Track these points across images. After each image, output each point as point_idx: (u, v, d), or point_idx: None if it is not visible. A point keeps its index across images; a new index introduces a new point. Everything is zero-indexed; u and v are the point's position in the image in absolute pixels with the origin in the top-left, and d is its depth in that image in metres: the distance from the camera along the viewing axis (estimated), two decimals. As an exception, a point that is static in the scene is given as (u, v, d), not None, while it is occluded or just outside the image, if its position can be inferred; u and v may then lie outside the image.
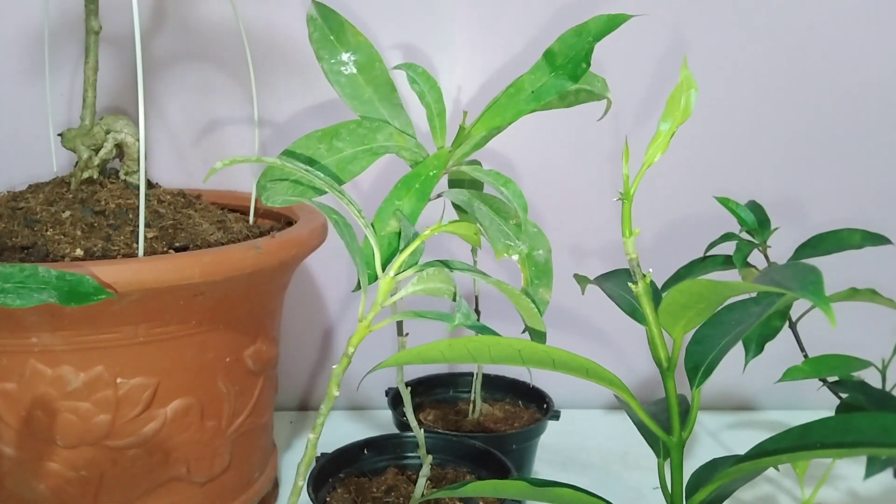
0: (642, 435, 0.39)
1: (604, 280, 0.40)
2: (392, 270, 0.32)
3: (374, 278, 0.33)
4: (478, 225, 0.48)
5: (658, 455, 0.38)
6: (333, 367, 0.32)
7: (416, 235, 0.34)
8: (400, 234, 0.35)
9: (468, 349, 0.30)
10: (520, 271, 0.43)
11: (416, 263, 0.34)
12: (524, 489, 0.33)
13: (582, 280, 0.45)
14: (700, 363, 0.34)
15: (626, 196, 0.33)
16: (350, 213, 0.34)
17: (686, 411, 0.35)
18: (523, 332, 0.42)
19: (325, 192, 0.38)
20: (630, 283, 0.33)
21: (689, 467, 0.36)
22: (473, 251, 0.62)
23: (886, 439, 0.25)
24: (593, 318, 0.76)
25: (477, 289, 0.65)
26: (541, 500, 0.34)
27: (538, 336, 0.40)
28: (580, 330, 0.77)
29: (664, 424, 0.34)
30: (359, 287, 0.34)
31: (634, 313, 0.36)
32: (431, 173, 0.35)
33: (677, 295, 0.30)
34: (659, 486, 0.38)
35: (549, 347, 0.30)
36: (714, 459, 0.37)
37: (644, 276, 0.33)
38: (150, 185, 0.58)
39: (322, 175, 0.34)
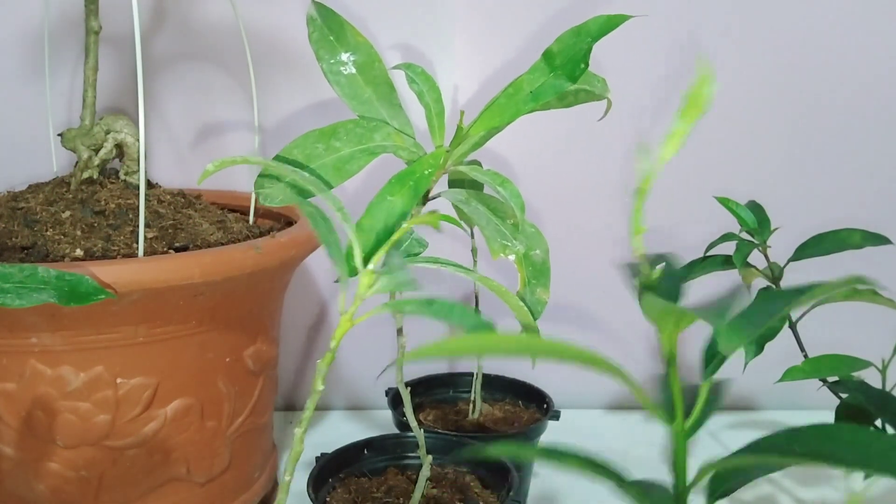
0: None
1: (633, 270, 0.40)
2: (371, 264, 0.32)
3: (354, 272, 0.33)
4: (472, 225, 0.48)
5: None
6: (318, 361, 0.32)
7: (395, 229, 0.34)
8: (381, 240, 0.35)
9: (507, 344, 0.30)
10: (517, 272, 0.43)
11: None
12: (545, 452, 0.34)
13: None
14: (712, 356, 0.34)
15: (641, 193, 0.33)
16: (332, 211, 0.34)
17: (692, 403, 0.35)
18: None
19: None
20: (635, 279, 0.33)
21: (690, 466, 0.36)
22: (473, 251, 0.62)
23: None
24: (596, 314, 0.76)
25: (477, 287, 0.65)
26: (558, 465, 0.34)
27: (532, 332, 0.40)
28: (580, 325, 0.77)
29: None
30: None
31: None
32: (427, 172, 0.35)
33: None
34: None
35: (584, 348, 0.30)
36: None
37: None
38: (150, 185, 0.58)
39: (308, 175, 0.34)
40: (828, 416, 0.46)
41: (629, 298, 0.79)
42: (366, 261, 0.34)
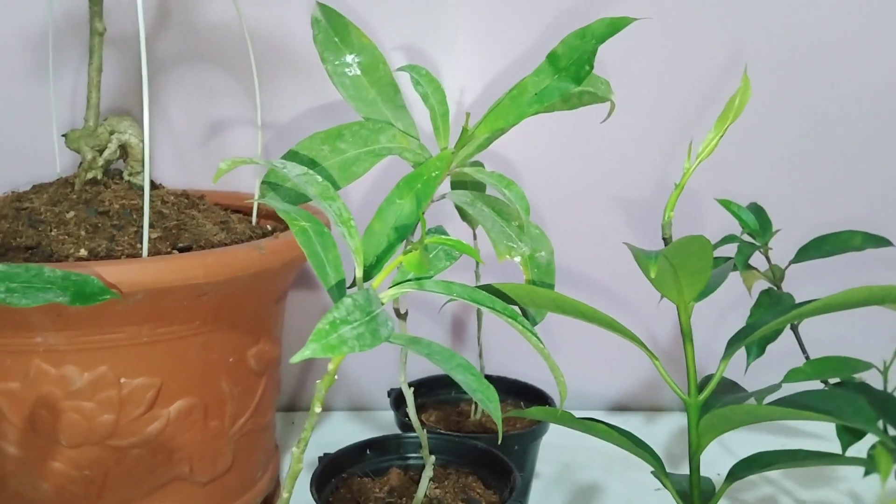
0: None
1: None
2: (370, 287, 0.32)
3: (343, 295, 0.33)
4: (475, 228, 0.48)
5: None
6: (317, 381, 0.32)
7: (394, 247, 0.34)
8: (392, 243, 0.35)
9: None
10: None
11: (405, 281, 0.34)
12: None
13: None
14: (737, 340, 0.37)
15: (680, 186, 0.37)
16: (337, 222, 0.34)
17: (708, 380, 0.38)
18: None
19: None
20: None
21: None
22: (475, 251, 0.62)
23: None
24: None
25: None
26: (597, 436, 0.38)
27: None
28: (582, 325, 0.77)
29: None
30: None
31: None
32: (434, 174, 0.35)
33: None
34: (661, 486, 0.38)
35: (578, 301, 0.35)
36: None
37: None
38: (153, 185, 0.58)
39: (320, 179, 0.34)
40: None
41: (631, 301, 0.79)
42: (367, 276, 0.34)
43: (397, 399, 0.63)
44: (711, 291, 0.39)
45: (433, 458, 0.48)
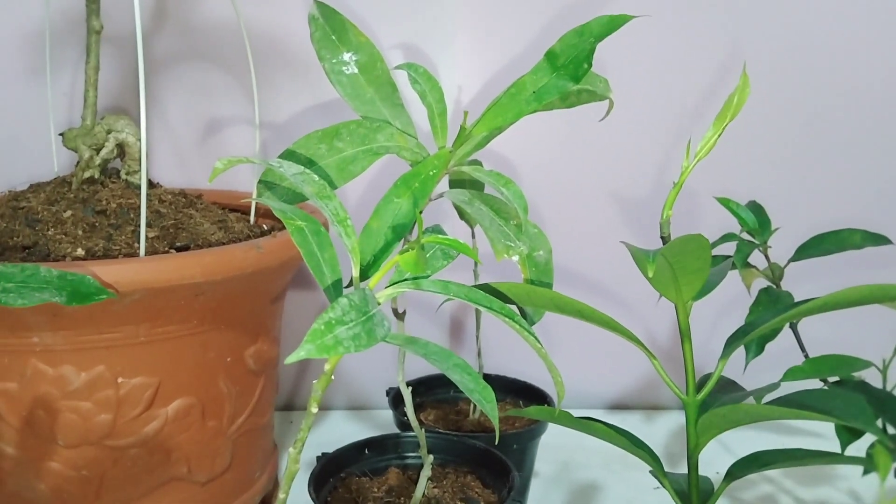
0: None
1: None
2: (366, 287, 0.32)
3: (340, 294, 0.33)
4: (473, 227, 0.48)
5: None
6: (314, 381, 0.32)
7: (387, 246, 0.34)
8: (389, 242, 0.35)
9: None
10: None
11: (402, 280, 0.34)
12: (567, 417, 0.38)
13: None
14: (736, 339, 0.37)
15: (678, 185, 0.37)
16: (334, 222, 0.34)
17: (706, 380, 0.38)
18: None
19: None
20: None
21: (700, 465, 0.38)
22: (472, 251, 0.62)
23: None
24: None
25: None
26: (595, 435, 0.38)
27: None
28: (581, 325, 0.77)
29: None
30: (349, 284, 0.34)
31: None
32: (431, 173, 0.35)
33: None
34: (660, 486, 0.38)
35: (576, 301, 0.35)
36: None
37: None
38: (151, 184, 0.58)
39: (317, 178, 0.34)
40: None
41: (630, 300, 0.79)
42: (363, 275, 0.34)
43: (396, 398, 0.63)
44: (710, 290, 0.39)
45: (431, 457, 0.48)
